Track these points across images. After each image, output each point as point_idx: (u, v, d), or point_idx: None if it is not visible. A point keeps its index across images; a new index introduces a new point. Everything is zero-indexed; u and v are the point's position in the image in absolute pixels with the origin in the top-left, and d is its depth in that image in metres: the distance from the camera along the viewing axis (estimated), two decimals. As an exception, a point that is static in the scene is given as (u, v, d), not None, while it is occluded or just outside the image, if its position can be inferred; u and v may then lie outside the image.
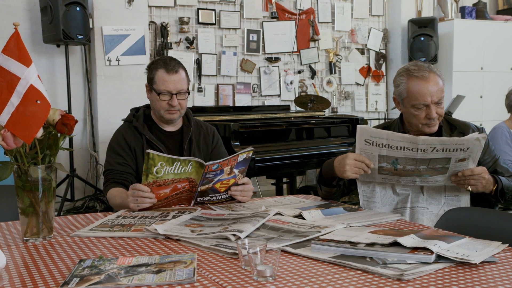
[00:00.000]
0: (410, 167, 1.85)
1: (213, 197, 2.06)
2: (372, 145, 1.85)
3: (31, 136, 1.45)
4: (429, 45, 5.84)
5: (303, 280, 1.16)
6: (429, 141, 1.77)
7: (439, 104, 2.00)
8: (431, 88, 1.96)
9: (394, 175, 1.91)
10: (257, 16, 5.53)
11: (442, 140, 1.77)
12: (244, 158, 2.01)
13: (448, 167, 1.84)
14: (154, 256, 1.32)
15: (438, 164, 1.83)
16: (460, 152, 1.79)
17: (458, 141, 1.77)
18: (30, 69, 1.47)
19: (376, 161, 1.88)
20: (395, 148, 1.83)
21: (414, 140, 1.79)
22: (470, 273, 1.18)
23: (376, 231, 1.45)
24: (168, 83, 2.22)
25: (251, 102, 5.54)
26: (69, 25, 4.22)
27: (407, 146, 1.81)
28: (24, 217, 1.54)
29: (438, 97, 1.98)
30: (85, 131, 4.78)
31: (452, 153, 1.79)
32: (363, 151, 1.89)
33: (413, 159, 1.82)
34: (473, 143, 1.77)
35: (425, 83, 1.96)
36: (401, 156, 1.83)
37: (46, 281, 1.18)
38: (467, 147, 1.77)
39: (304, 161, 3.96)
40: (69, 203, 4.49)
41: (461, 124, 2.11)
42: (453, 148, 1.78)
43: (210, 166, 1.90)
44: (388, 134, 1.82)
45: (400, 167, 1.86)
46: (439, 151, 1.78)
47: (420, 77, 1.97)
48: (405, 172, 1.88)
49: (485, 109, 6.18)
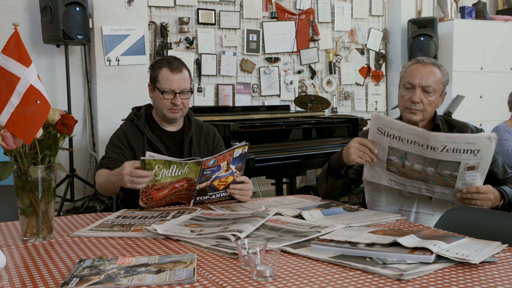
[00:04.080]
0: (418, 166, 1.81)
1: (212, 196, 2.06)
2: (384, 135, 1.84)
3: (31, 136, 1.45)
4: (429, 45, 5.84)
5: (303, 280, 1.16)
6: (440, 137, 1.74)
7: (427, 93, 2.01)
8: (424, 71, 2.02)
9: (401, 175, 1.87)
10: (257, 16, 5.52)
11: (453, 137, 1.73)
12: (240, 154, 2.02)
13: (456, 176, 1.77)
14: (154, 256, 1.32)
15: (446, 169, 1.77)
16: (470, 156, 1.73)
17: (469, 139, 1.71)
18: (30, 69, 1.47)
19: (386, 153, 1.86)
20: (405, 141, 1.79)
21: (425, 135, 1.75)
22: (470, 273, 1.18)
23: (376, 231, 1.45)
24: (172, 82, 2.23)
25: (251, 102, 5.53)
26: (69, 25, 4.22)
27: (418, 140, 1.77)
28: (24, 217, 1.54)
29: (427, 82, 2.00)
30: (85, 131, 4.78)
31: (462, 155, 1.73)
32: (374, 139, 1.88)
33: (422, 157, 1.78)
34: (484, 144, 1.70)
35: (421, 66, 2.04)
36: (411, 151, 1.79)
37: (46, 281, 1.18)
38: (477, 149, 1.71)
39: (304, 161, 3.96)
40: (69, 203, 4.49)
41: (460, 124, 2.11)
42: (464, 148, 1.72)
43: (207, 162, 1.91)
44: (401, 125, 1.80)
45: (408, 164, 1.82)
46: (449, 151, 1.73)
47: (419, 61, 2.07)
48: (412, 173, 1.84)
49: (485, 109, 6.18)
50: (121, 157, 2.22)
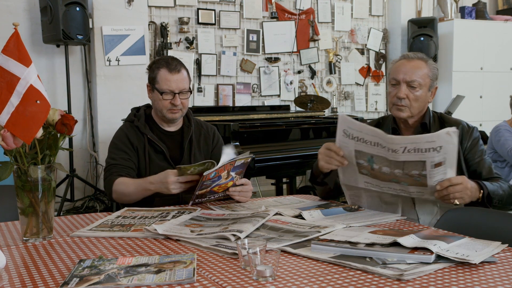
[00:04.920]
0: (386, 169, 1.74)
1: (211, 197, 2.06)
2: (349, 137, 1.78)
3: (31, 136, 1.45)
4: (429, 45, 5.84)
5: (303, 280, 1.16)
6: (396, 140, 1.66)
7: (412, 88, 1.97)
8: (408, 66, 1.99)
9: (373, 177, 1.80)
10: (257, 16, 5.52)
11: (411, 139, 1.66)
12: (242, 163, 2.01)
13: (425, 175, 1.68)
14: (154, 256, 1.32)
15: (413, 169, 1.68)
16: (433, 153, 1.64)
17: (428, 138, 1.64)
18: (30, 69, 1.47)
19: (353, 156, 1.80)
20: (369, 143, 1.73)
21: (383, 137, 1.68)
22: (470, 273, 1.18)
23: (376, 231, 1.45)
24: (171, 83, 2.22)
25: (251, 102, 5.53)
26: (69, 25, 4.22)
27: (379, 142, 1.70)
28: (24, 217, 1.54)
29: (411, 77, 1.97)
30: (85, 131, 4.78)
31: (425, 154, 1.64)
32: (342, 144, 1.83)
33: (387, 159, 1.71)
34: (445, 140, 1.62)
35: (405, 62, 2.01)
36: (375, 153, 1.73)
37: (46, 281, 1.18)
38: (439, 145, 1.62)
39: (304, 161, 3.96)
40: (69, 203, 4.49)
41: (453, 121, 2.04)
42: (425, 147, 1.64)
43: (208, 175, 1.89)
44: (362, 126, 1.74)
45: (376, 167, 1.75)
46: (410, 151, 1.65)
47: (404, 57, 2.03)
48: (383, 176, 1.76)
49: (485, 109, 6.18)
50: (129, 162, 2.22)
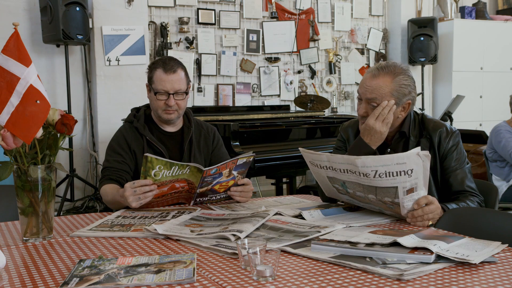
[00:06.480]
0: (360, 193, 1.69)
1: (212, 197, 2.06)
2: (318, 167, 1.76)
3: (30, 136, 1.45)
4: (428, 45, 5.84)
5: (303, 280, 1.16)
6: (367, 162, 1.59)
7: (374, 107, 1.87)
8: (371, 83, 1.87)
9: (352, 197, 1.76)
10: (257, 16, 5.52)
11: (382, 160, 1.58)
12: (244, 162, 2.01)
13: (398, 203, 1.64)
14: (154, 256, 1.32)
15: (386, 196, 1.64)
16: (405, 177, 1.59)
17: (398, 159, 1.57)
18: (30, 69, 1.47)
19: (328, 182, 1.78)
20: (338, 170, 1.68)
21: (353, 162, 1.60)
22: (470, 273, 1.18)
23: (376, 231, 1.45)
24: (165, 83, 2.21)
25: (251, 102, 5.53)
26: (69, 25, 4.22)
27: (349, 168, 1.64)
28: (24, 217, 1.54)
29: (371, 95, 1.86)
30: (84, 131, 4.78)
31: (397, 178, 1.59)
32: (314, 171, 1.81)
33: (359, 184, 1.66)
34: (415, 162, 1.57)
35: (369, 77, 1.89)
36: (347, 179, 1.68)
37: (45, 281, 1.18)
38: (410, 168, 1.57)
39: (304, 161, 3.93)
40: (68, 203, 4.49)
41: (432, 124, 1.96)
42: (396, 170, 1.58)
43: (208, 171, 1.90)
44: (328, 156, 1.68)
45: (351, 191, 1.71)
46: (382, 176, 1.59)
47: (372, 71, 1.90)
48: (359, 198, 1.73)
49: (484, 109, 6.19)
50: (123, 165, 2.21)
